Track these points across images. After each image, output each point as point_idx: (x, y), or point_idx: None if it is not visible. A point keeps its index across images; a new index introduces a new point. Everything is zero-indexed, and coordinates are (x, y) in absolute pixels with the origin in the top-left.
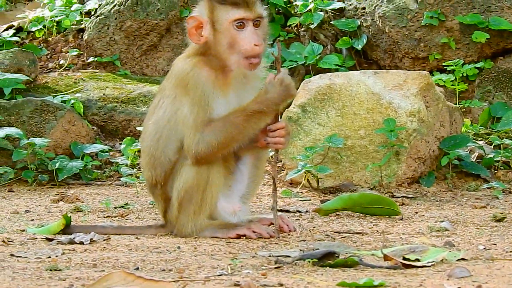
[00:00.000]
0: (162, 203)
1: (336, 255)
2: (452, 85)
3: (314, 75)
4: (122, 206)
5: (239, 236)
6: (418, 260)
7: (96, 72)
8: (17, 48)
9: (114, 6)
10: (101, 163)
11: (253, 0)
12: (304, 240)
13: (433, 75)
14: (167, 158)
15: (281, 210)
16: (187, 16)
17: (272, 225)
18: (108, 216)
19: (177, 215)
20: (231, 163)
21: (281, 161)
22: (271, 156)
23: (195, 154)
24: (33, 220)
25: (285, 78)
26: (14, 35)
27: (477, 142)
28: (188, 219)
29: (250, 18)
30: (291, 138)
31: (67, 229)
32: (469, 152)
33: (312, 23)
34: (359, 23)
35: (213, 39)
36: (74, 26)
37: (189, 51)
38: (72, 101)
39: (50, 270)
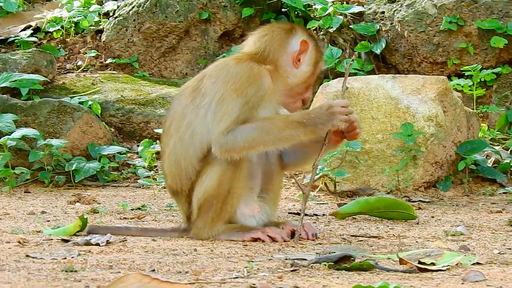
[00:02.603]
0: (187, 207)
1: (352, 258)
2: (470, 90)
3: (332, 79)
4: (139, 208)
5: (254, 240)
6: (433, 264)
7: (114, 73)
8: (35, 49)
9: (133, 7)
10: (118, 165)
11: None
12: (320, 244)
13: (451, 80)
14: (192, 167)
15: (298, 214)
16: (206, 19)
17: (293, 231)
18: (125, 218)
19: (195, 218)
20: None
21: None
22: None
23: (222, 143)
24: (49, 221)
25: (335, 106)
26: (31, 35)
27: (493, 147)
28: (206, 225)
29: None
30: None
31: (92, 229)
32: (486, 157)
33: (331, 27)
34: (378, 28)
35: (303, 72)
36: (92, 27)
37: (243, 56)
38: (90, 103)
39: (66, 271)
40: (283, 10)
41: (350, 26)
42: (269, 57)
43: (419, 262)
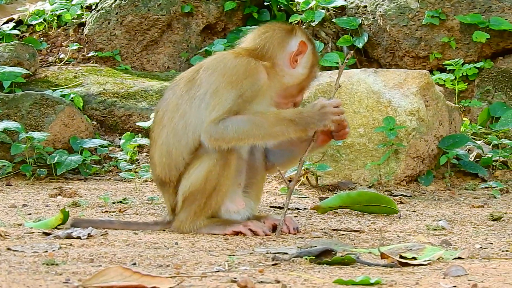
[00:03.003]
0: (173, 198)
1: (334, 252)
2: (452, 84)
3: None
4: (121, 201)
5: (235, 233)
6: (414, 258)
7: (96, 66)
8: (17, 42)
9: (115, 0)
10: (100, 158)
11: None
12: (301, 237)
13: (433, 75)
14: (182, 158)
15: (279, 207)
16: (188, 12)
17: (275, 225)
18: (106, 211)
19: (178, 211)
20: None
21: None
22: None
23: (212, 132)
24: (30, 214)
25: (328, 106)
26: (14, 28)
27: (475, 141)
28: (188, 218)
29: None
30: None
31: (75, 223)
32: (468, 152)
33: (314, 21)
34: (360, 22)
35: (298, 73)
36: (74, 20)
37: (241, 51)
38: (72, 96)
39: (47, 264)
40: (265, 3)
41: (333, 20)
42: (267, 54)
43: (401, 257)
